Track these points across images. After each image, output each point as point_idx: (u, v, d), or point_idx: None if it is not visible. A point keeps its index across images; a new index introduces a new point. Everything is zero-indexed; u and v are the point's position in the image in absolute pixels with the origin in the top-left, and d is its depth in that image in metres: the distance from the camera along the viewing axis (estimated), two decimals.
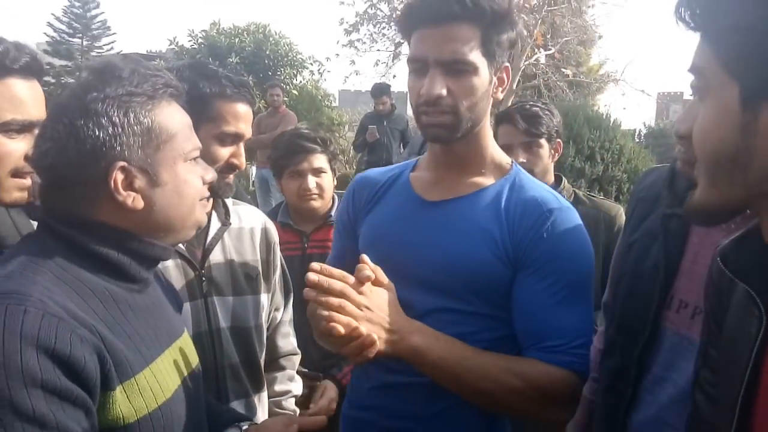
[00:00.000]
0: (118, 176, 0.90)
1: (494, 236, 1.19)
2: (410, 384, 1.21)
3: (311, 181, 2.12)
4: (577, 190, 2.26)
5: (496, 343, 1.19)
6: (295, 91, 15.20)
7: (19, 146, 1.07)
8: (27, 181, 1.09)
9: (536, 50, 12.84)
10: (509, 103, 12.87)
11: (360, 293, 1.07)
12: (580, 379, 1.18)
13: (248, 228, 1.58)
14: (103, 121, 0.89)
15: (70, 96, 0.92)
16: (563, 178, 2.25)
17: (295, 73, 16.64)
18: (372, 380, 1.28)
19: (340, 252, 1.44)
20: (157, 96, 0.95)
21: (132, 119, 0.91)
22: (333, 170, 2.20)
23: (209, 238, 1.48)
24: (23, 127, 1.08)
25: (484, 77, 1.18)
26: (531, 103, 2.22)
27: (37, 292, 0.81)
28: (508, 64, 1.24)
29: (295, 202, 2.18)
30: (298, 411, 1.73)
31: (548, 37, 12.96)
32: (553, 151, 2.19)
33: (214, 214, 1.52)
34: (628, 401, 1.17)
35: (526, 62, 12.60)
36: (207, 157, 1.41)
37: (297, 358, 1.79)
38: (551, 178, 2.22)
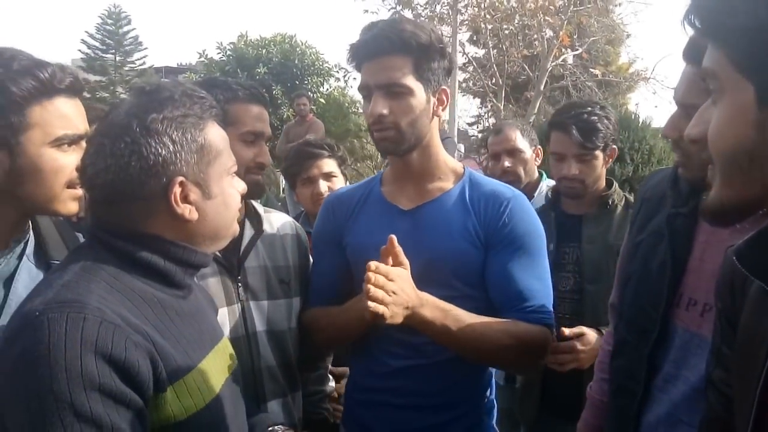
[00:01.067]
0: (177, 190, 0.98)
1: (467, 227, 1.43)
2: (414, 366, 1.43)
3: (322, 185, 2.19)
4: (627, 195, 2.15)
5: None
6: (322, 99, 15.37)
7: (71, 159, 1.15)
8: (80, 192, 1.17)
9: (563, 51, 12.73)
10: (537, 106, 12.65)
11: (390, 280, 1.26)
12: (551, 332, 1.43)
13: (280, 234, 1.63)
14: (165, 139, 0.97)
15: (127, 116, 0.97)
16: (614, 182, 2.15)
17: (322, 81, 16.81)
18: (381, 366, 1.47)
19: (328, 268, 1.58)
20: (205, 116, 1.03)
21: (189, 138, 0.99)
22: (344, 174, 2.27)
23: (243, 246, 1.54)
24: (73, 141, 1.16)
25: (420, 98, 1.40)
26: (589, 109, 2.06)
27: (94, 300, 0.87)
28: (445, 87, 1.46)
29: (311, 208, 2.24)
30: (331, 408, 1.78)
31: (575, 37, 12.83)
32: (607, 158, 2.09)
33: (247, 222, 1.57)
34: (640, 400, 1.18)
35: (553, 63, 12.51)
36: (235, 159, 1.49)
37: (329, 359, 1.84)
38: (603, 183, 2.11)
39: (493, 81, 13.47)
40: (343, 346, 1.63)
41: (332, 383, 1.83)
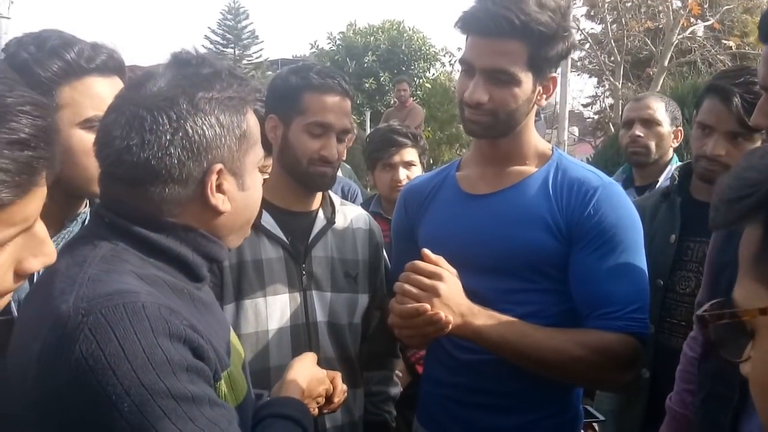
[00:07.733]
0: (213, 178, 0.89)
1: (546, 218, 1.29)
2: (484, 362, 1.30)
3: (402, 173, 2.32)
4: None
5: (564, 316, 1.29)
6: (428, 84, 15.24)
7: None
8: None
9: (692, 21, 11.60)
10: (660, 83, 11.64)
11: (441, 280, 1.19)
12: (639, 342, 1.25)
13: (352, 228, 1.58)
14: (213, 120, 0.88)
15: (171, 89, 0.87)
16: None
17: (428, 66, 16.67)
18: (450, 359, 1.36)
19: (404, 263, 1.44)
20: (248, 100, 0.95)
21: (234, 122, 0.91)
22: (422, 164, 2.43)
23: (313, 234, 1.50)
24: None
25: (526, 88, 1.27)
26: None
27: (136, 287, 0.80)
28: (555, 75, 1.34)
29: (387, 193, 2.40)
30: (394, 413, 1.70)
31: (706, 6, 11.63)
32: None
33: (320, 212, 1.54)
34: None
35: (680, 36, 11.43)
36: (298, 149, 1.43)
37: (397, 361, 1.77)
38: None
39: (611, 58, 12.60)
40: None
41: (399, 387, 1.75)
